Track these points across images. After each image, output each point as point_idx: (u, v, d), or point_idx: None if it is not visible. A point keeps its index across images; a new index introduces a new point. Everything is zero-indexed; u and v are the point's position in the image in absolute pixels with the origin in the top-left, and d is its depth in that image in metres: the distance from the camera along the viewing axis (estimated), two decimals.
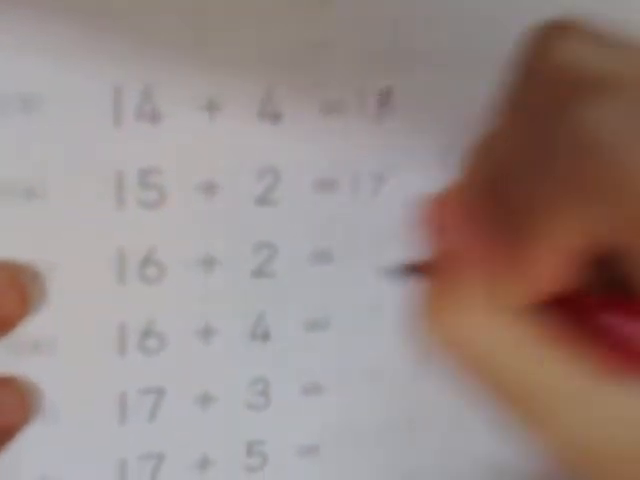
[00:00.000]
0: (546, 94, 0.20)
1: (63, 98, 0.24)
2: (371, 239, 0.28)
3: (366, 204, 0.27)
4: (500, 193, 0.21)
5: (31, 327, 0.25)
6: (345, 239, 0.28)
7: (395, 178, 0.28)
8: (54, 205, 0.24)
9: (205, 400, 0.28)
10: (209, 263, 0.27)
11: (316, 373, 0.29)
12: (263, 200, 0.27)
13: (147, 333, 0.27)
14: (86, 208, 0.25)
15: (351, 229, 0.28)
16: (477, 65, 0.27)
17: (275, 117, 0.26)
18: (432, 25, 0.27)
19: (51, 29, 0.23)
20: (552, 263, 0.20)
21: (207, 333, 0.27)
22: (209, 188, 0.26)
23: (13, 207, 0.24)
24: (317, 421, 0.29)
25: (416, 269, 0.24)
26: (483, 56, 0.27)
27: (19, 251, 0.24)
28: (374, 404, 0.30)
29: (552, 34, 0.21)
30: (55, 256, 0.25)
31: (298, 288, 0.28)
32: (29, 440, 0.26)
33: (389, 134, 0.27)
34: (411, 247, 0.26)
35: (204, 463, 0.28)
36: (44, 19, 0.23)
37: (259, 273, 0.27)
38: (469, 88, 0.27)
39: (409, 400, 0.30)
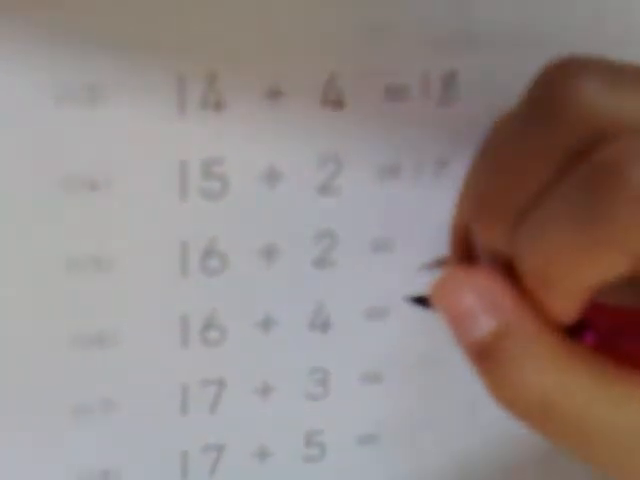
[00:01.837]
0: (571, 137, 0.20)
1: (127, 88, 0.23)
2: (433, 226, 0.27)
3: (429, 190, 0.27)
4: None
5: (95, 320, 0.25)
6: (407, 226, 0.27)
7: (458, 163, 0.27)
8: (117, 196, 0.24)
9: (265, 391, 0.27)
10: (270, 253, 0.26)
11: (376, 362, 0.28)
12: (325, 188, 0.26)
13: (209, 325, 0.26)
14: (149, 199, 0.24)
15: (413, 216, 0.27)
16: (542, 47, 0.27)
17: (338, 104, 0.25)
18: (496, 7, 0.26)
19: (114, 20, 0.22)
20: (577, 296, 0.20)
21: (267, 324, 0.27)
22: (271, 177, 0.25)
23: (77, 198, 0.24)
24: (376, 410, 0.29)
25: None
26: (548, 38, 0.27)
27: (83, 242, 0.24)
28: (434, 392, 0.29)
29: (572, 72, 0.20)
30: (118, 248, 0.24)
31: (359, 277, 0.27)
32: (90, 432, 0.26)
33: (453, 119, 0.26)
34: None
35: (263, 454, 0.28)
36: (107, 10, 0.22)
37: (320, 262, 0.27)
38: (534, 71, 0.27)
39: (471, 388, 0.29)
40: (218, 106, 0.24)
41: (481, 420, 0.30)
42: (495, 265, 0.22)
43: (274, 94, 0.25)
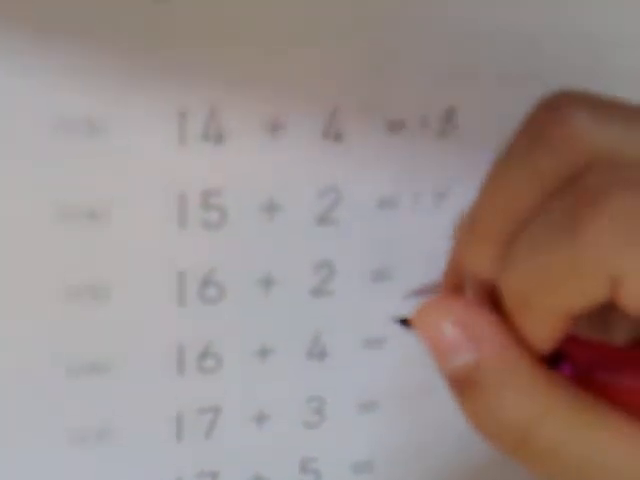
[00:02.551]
0: (560, 164, 0.20)
1: (128, 119, 0.23)
2: (431, 256, 0.27)
3: (427, 222, 0.27)
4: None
5: (92, 348, 0.25)
6: (405, 257, 0.27)
7: (457, 195, 0.27)
8: (117, 226, 0.24)
9: (260, 419, 0.28)
10: (268, 283, 0.26)
11: (372, 391, 0.28)
12: (324, 219, 0.26)
13: (205, 353, 0.26)
14: (148, 229, 0.24)
15: (411, 247, 0.27)
16: (540, 82, 0.27)
17: (338, 137, 0.25)
18: (495, 43, 0.26)
19: (116, 53, 0.23)
20: (556, 323, 0.20)
21: (264, 352, 0.27)
22: (270, 208, 0.25)
23: (76, 228, 0.24)
24: (372, 438, 0.29)
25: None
26: (545, 74, 0.27)
27: (81, 271, 0.24)
28: (430, 422, 0.29)
29: (564, 106, 0.21)
30: (117, 276, 0.25)
31: (356, 306, 0.27)
32: (86, 458, 0.26)
33: (452, 151, 0.27)
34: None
35: None
36: (109, 44, 0.22)
37: (317, 292, 0.27)
38: (528, 104, 0.27)
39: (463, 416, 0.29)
40: (219, 138, 0.24)
41: (476, 450, 0.30)
42: (480, 295, 0.22)
43: (275, 127, 0.25)
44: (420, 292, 0.27)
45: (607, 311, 0.21)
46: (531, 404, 0.21)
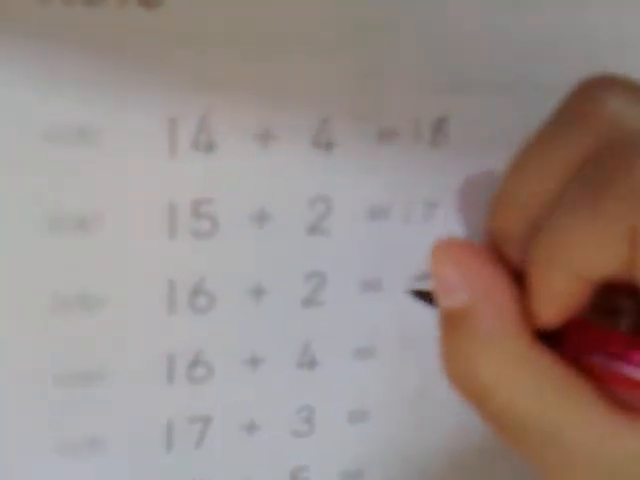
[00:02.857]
0: (593, 143, 0.21)
1: (118, 128, 0.23)
2: (421, 267, 0.27)
3: (418, 231, 0.27)
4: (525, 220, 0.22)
5: (81, 357, 0.25)
6: (396, 267, 0.27)
7: (448, 205, 0.27)
8: (107, 235, 0.24)
9: (251, 428, 0.27)
10: (259, 293, 0.26)
11: (362, 400, 0.28)
12: (315, 229, 0.26)
13: (195, 362, 0.26)
14: (139, 238, 0.24)
15: (402, 257, 0.27)
16: (532, 93, 0.27)
17: (329, 146, 0.25)
18: (486, 53, 0.26)
19: (105, 61, 0.23)
20: (567, 291, 0.21)
21: (254, 362, 0.27)
22: (261, 217, 0.25)
23: (67, 238, 0.24)
24: (361, 448, 0.29)
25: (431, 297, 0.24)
26: (537, 84, 0.27)
27: (72, 281, 0.24)
28: (420, 431, 0.29)
29: (599, 89, 0.22)
30: (107, 285, 0.25)
31: (346, 316, 0.27)
32: (75, 468, 0.26)
33: (443, 162, 0.27)
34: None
35: None
36: (100, 52, 0.22)
37: (308, 302, 0.27)
38: (524, 116, 0.27)
39: (457, 427, 0.29)
40: (209, 147, 0.24)
41: (466, 460, 0.30)
42: (498, 257, 0.23)
43: (265, 136, 0.25)
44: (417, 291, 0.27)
45: (615, 298, 0.21)
46: (501, 363, 0.21)
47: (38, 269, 0.24)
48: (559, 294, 0.21)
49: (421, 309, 0.28)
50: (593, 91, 0.22)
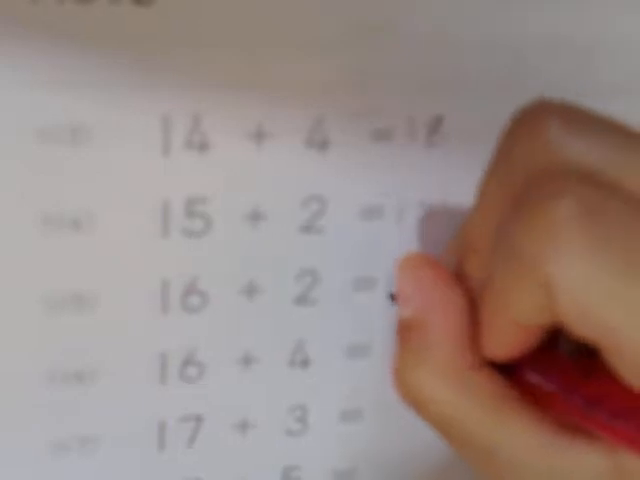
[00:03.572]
0: (526, 172, 0.21)
1: (111, 127, 0.23)
2: None
3: (412, 231, 0.27)
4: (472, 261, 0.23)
5: (74, 356, 0.25)
6: (389, 266, 0.27)
7: (442, 205, 0.27)
8: (100, 235, 0.24)
9: (243, 427, 0.27)
10: (252, 291, 0.26)
11: (355, 400, 0.28)
12: (308, 228, 0.26)
13: (188, 361, 0.26)
14: (132, 237, 0.24)
15: (395, 256, 0.27)
16: (527, 93, 0.27)
17: (323, 145, 0.25)
18: (483, 53, 0.26)
19: (98, 60, 0.22)
20: (511, 337, 0.21)
21: (247, 360, 0.27)
22: (254, 216, 0.25)
23: (59, 238, 0.23)
24: (355, 447, 0.29)
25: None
26: (533, 85, 0.27)
27: (65, 281, 0.24)
28: (413, 430, 0.29)
29: (534, 116, 0.21)
30: (99, 285, 0.24)
31: (340, 315, 0.27)
32: (67, 468, 0.26)
33: (438, 162, 0.27)
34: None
35: None
36: (92, 50, 0.22)
37: (301, 300, 0.27)
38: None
39: None
40: (203, 146, 0.24)
41: (460, 460, 0.30)
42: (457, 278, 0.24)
43: (259, 135, 0.25)
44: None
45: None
46: (441, 380, 0.22)
47: (31, 268, 0.24)
48: (502, 338, 0.21)
49: None
50: (529, 122, 0.21)
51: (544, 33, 0.26)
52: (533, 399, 0.22)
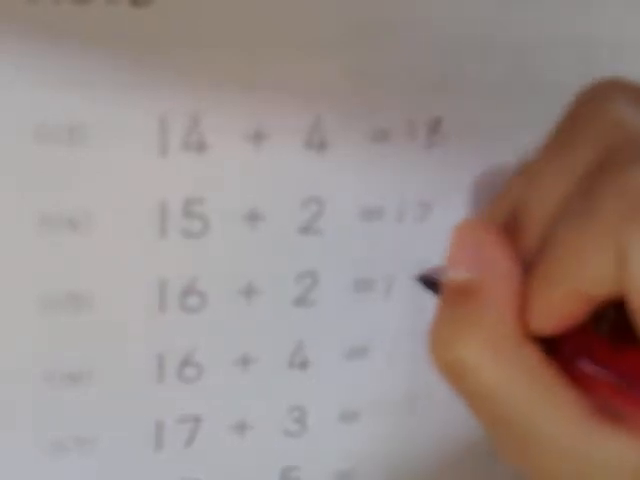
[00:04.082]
0: (596, 148, 0.21)
1: (108, 128, 0.23)
2: (415, 267, 0.27)
3: (412, 232, 0.27)
4: (531, 227, 0.22)
5: (71, 355, 0.25)
6: (389, 267, 0.27)
7: (442, 206, 0.27)
8: (98, 235, 0.24)
9: (241, 428, 0.27)
10: (250, 293, 0.26)
11: (354, 401, 0.28)
12: (307, 229, 0.26)
13: (186, 362, 0.26)
14: (129, 238, 0.24)
15: (395, 258, 0.27)
16: (527, 96, 0.27)
17: (322, 146, 0.25)
18: (482, 54, 0.26)
19: (95, 60, 0.22)
20: (567, 307, 0.20)
21: (245, 361, 0.27)
22: (253, 217, 0.25)
23: (57, 238, 0.23)
24: (353, 448, 0.29)
25: (436, 285, 0.24)
26: (532, 86, 0.27)
27: (63, 281, 0.24)
28: (411, 431, 0.29)
29: (603, 93, 0.21)
30: (97, 285, 0.24)
31: (339, 316, 0.27)
32: (64, 467, 0.26)
33: (437, 163, 0.26)
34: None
35: None
36: (88, 50, 0.22)
37: (300, 302, 0.27)
38: (519, 119, 0.27)
39: (449, 429, 0.29)
40: (201, 147, 0.24)
41: (458, 459, 0.30)
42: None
43: (258, 136, 0.24)
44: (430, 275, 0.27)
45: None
46: (490, 349, 0.21)
47: (27, 268, 0.24)
48: (555, 310, 0.21)
49: (412, 308, 0.28)
50: (595, 98, 0.21)
51: (544, 33, 0.26)
52: (569, 375, 0.21)
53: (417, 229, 0.27)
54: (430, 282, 0.25)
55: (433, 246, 0.27)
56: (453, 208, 0.27)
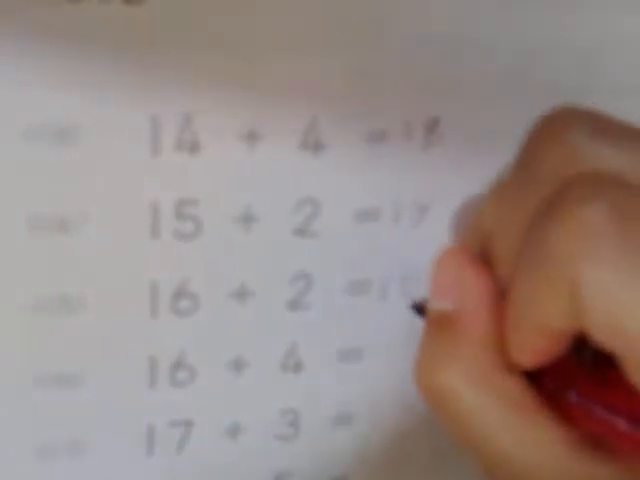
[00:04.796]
0: (551, 183, 0.20)
1: (99, 129, 0.22)
2: (411, 269, 0.27)
3: (408, 235, 0.26)
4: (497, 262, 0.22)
5: (61, 360, 0.24)
6: (384, 270, 0.27)
7: (439, 208, 0.26)
8: (88, 237, 0.23)
9: (234, 432, 0.27)
10: (244, 295, 0.26)
11: (347, 404, 0.28)
12: (301, 231, 0.25)
13: (177, 366, 0.26)
14: (120, 239, 0.24)
15: (391, 260, 0.27)
16: (526, 94, 0.26)
17: (317, 147, 0.25)
18: (481, 54, 0.25)
19: (86, 58, 0.22)
20: (536, 342, 0.20)
21: (238, 365, 0.26)
22: (246, 219, 0.25)
23: (46, 239, 0.23)
24: (347, 453, 0.28)
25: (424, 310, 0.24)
26: (532, 86, 0.26)
27: (52, 283, 0.24)
28: (406, 436, 0.29)
29: (560, 123, 0.21)
30: (87, 287, 0.24)
31: (333, 319, 0.27)
32: (54, 473, 0.25)
33: (435, 164, 0.26)
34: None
35: None
36: (80, 49, 0.22)
37: (294, 304, 0.26)
38: (518, 120, 0.26)
39: (441, 431, 0.29)
40: (193, 147, 0.23)
41: (454, 464, 0.30)
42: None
43: (252, 136, 0.24)
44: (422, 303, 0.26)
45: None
46: (473, 377, 0.21)
47: (18, 270, 0.23)
48: (527, 345, 0.21)
49: (406, 311, 0.27)
50: (553, 128, 0.21)
51: (544, 34, 0.26)
52: (555, 407, 0.21)
53: (413, 231, 0.26)
54: (422, 310, 0.25)
55: (429, 249, 0.27)
56: (450, 210, 0.26)
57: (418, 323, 0.28)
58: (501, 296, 0.22)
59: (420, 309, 0.25)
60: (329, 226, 0.26)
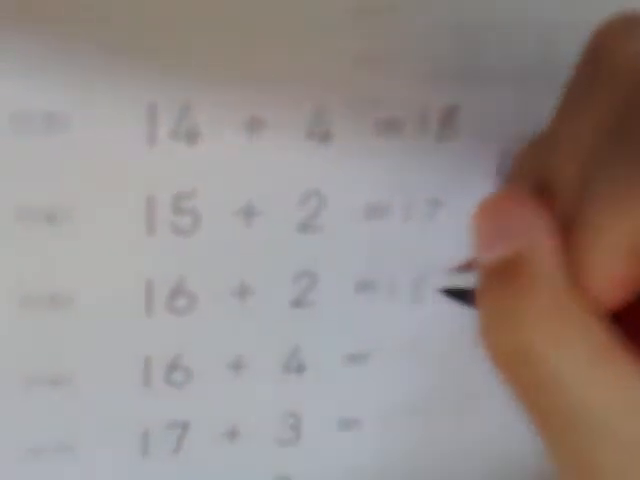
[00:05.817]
0: (620, 90, 0.18)
1: (92, 117, 0.21)
2: (421, 269, 0.26)
3: (419, 232, 0.25)
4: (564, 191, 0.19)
5: (52, 359, 0.23)
6: (392, 268, 0.25)
7: (454, 203, 0.25)
8: (80, 231, 0.22)
9: (232, 435, 0.26)
10: (244, 293, 0.24)
11: (353, 408, 0.27)
12: (306, 226, 0.24)
13: (173, 366, 0.24)
14: (114, 234, 0.22)
15: (400, 258, 0.25)
16: (546, 83, 0.25)
17: (325, 137, 0.23)
18: (504, 37, 0.24)
19: (78, 44, 0.20)
20: (610, 264, 0.18)
21: (237, 365, 0.25)
22: (248, 213, 0.23)
23: (36, 233, 0.22)
24: (351, 458, 0.27)
25: (467, 295, 0.22)
26: (551, 74, 0.25)
27: (42, 280, 0.22)
28: (411, 441, 0.28)
29: (620, 30, 0.19)
30: (79, 284, 0.23)
31: (338, 319, 0.25)
32: (47, 476, 0.24)
33: (450, 156, 0.24)
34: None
35: None
36: (72, 34, 0.20)
37: (297, 303, 0.25)
38: (543, 108, 0.25)
39: (451, 438, 0.28)
40: (192, 137, 0.22)
41: (461, 469, 0.28)
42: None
43: (254, 125, 0.22)
44: (461, 268, 0.25)
45: None
46: (560, 329, 0.18)
47: (5, 266, 0.22)
48: (609, 268, 0.18)
49: (414, 311, 0.26)
50: (610, 39, 0.19)
51: (571, 16, 0.24)
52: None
53: (424, 229, 0.25)
54: (457, 292, 0.23)
55: (441, 247, 0.25)
56: (464, 207, 0.25)
57: (427, 323, 0.27)
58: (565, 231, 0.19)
59: (454, 292, 0.23)
60: (335, 221, 0.24)
